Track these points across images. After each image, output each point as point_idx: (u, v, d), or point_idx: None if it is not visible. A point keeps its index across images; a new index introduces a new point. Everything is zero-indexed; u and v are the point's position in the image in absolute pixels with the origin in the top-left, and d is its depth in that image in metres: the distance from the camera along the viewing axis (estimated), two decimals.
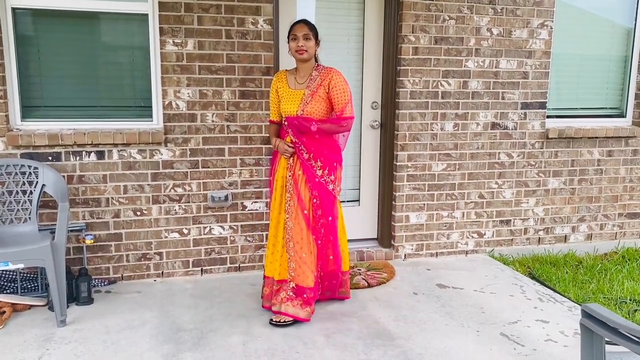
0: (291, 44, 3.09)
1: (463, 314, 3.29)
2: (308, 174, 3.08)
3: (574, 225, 4.61)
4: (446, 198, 4.24)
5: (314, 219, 3.15)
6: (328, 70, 3.12)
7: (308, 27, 3.08)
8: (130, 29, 3.61)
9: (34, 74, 3.51)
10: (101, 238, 3.61)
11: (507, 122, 4.27)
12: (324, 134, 3.10)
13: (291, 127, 3.11)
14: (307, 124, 3.05)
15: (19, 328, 3.02)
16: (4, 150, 3.38)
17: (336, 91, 3.07)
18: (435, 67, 4.04)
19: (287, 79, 3.19)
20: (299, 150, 3.09)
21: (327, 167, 3.11)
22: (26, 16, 3.45)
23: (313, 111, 3.07)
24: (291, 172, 3.13)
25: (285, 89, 3.16)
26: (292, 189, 3.13)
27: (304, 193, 3.11)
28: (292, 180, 3.13)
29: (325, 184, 3.11)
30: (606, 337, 1.68)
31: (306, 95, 3.08)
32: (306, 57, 3.08)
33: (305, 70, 3.15)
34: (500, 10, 4.11)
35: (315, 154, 3.08)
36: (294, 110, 3.09)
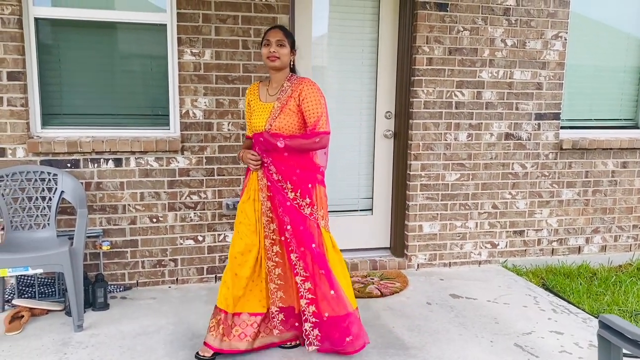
0: (263, 51, 2.77)
1: (477, 324, 3.28)
2: (279, 196, 2.73)
3: (587, 237, 4.58)
4: (459, 208, 4.25)
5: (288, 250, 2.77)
6: (300, 80, 2.78)
7: (283, 33, 2.80)
8: (148, 39, 3.67)
9: (54, 83, 3.58)
10: (117, 244, 3.65)
11: (520, 132, 4.28)
12: (294, 152, 2.73)
13: (257, 144, 2.78)
14: (274, 141, 2.70)
15: (37, 332, 3.07)
16: (25, 157, 3.44)
17: (308, 103, 2.72)
18: (449, 77, 4.07)
19: (259, 91, 2.86)
20: (268, 170, 2.76)
21: (299, 189, 2.73)
22: (48, 26, 3.53)
23: (282, 126, 2.71)
24: (262, 193, 2.79)
25: (256, 102, 2.82)
26: (270, 213, 2.79)
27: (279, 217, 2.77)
28: (270, 202, 2.79)
29: (298, 207, 2.73)
30: (624, 348, 1.69)
31: (275, 108, 2.74)
32: (278, 64, 2.75)
33: (277, 81, 2.81)
34: (514, 22, 4.13)
35: (285, 175, 2.73)
36: (261, 125, 2.74)
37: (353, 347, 2.80)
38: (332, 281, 2.74)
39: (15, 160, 3.42)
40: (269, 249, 2.79)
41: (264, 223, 2.79)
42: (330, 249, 2.81)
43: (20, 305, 3.24)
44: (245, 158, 2.79)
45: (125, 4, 3.64)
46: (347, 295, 2.78)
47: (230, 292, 2.75)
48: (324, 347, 2.82)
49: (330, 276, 2.74)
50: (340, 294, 2.75)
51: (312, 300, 2.75)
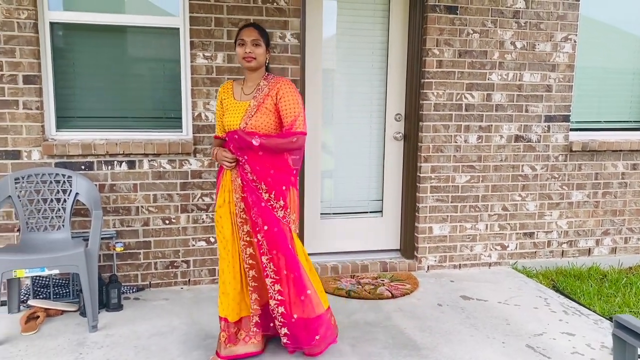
0: (238, 50, 2.72)
1: (488, 326, 3.30)
2: (253, 197, 2.65)
3: (597, 239, 4.58)
4: (469, 210, 4.26)
5: (260, 252, 2.72)
6: (277, 79, 2.75)
7: (258, 32, 2.73)
8: (161, 43, 3.72)
9: (68, 86, 3.62)
10: (130, 246, 3.69)
11: (530, 134, 4.29)
12: (269, 151, 2.65)
13: (231, 142, 2.69)
14: (249, 139, 2.62)
15: (53, 332, 3.10)
16: (40, 159, 3.48)
17: (285, 102, 2.68)
18: (459, 79, 4.08)
19: (233, 89, 2.81)
20: (243, 169, 2.67)
21: (273, 190, 2.66)
22: (62, 30, 3.57)
23: (258, 125, 2.66)
24: (237, 194, 2.73)
25: (230, 101, 2.77)
26: (243, 214, 2.73)
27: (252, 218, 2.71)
28: (244, 204, 2.72)
29: (272, 209, 2.66)
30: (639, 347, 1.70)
31: (251, 107, 2.68)
32: (254, 65, 2.71)
33: (253, 80, 2.77)
34: (524, 24, 4.15)
35: (260, 175, 2.65)
36: (236, 123, 2.68)
37: (319, 348, 2.83)
38: (304, 284, 2.69)
39: (30, 163, 3.47)
40: (243, 251, 2.76)
41: (237, 224, 2.74)
42: (300, 253, 2.76)
43: (35, 306, 3.28)
44: (220, 156, 2.71)
45: (138, 8, 3.69)
46: (319, 295, 2.75)
47: (229, 300, 2.78)
48: (291, 345, 2.83)
49: (302, 279, 2.69)
50: (311, 297, 2.71)
51: (281, 302, 2.71)
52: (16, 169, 3.44)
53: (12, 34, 3.34)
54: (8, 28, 3.33)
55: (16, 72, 3.38)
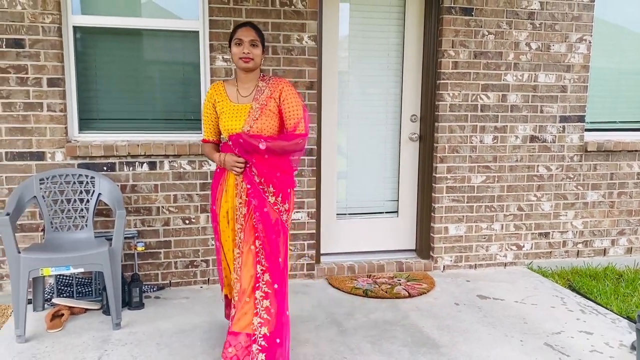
0: (235, 50, 2.64)
1: (505, 324, 3.32)
2: (257, 200, 2.57)
3: (613, 239, 4.59)
4: (485, 210, 4.28)
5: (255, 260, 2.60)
6: (277, 81, 2.70)
7: (255, 31, 2.67)
8: (181, 46, 3.78)
9: (91, 89, 3.70)
10: (151, 245, 3.75)
11: (545, 135, 4.31)
12: (275, 154, 2.61)
13: (236, 146, 2.61)
14: (255, 142, 2.56)
15: (77, 330, 3.17)
16: (63, 161, 3.55)
17: (288, 104, 2.64)
18: (475, 80, 4.11)
19: (226, 91, 2.72)
20: (250, 172, 2.60)
21: (280, 193, 2.61)
22: (85, 34, 3.65)
23: (263, 128, 2.62)
24: (240, 199, 2.64)
25: (226, 103, 2.68)
26: (243, 220, 2.63)
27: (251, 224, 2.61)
28: (246, 208, 2.62)
29: (278, 213, 2.62)
30: None
31: (254, 110, 2.63)
32: (252, 66, 2.64)
33: (249, 82, 2.70)
34: (538, 25, 4.17)
35: (267, 178, 2.59)
36: (238, 126, 2.61)
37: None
38: (286, 302, 2.63)
39: (54, 164, 3.54)
40: (235, 259, 2.68)
41: (235, 230, 2.67)
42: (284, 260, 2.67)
43: (60, 304, 3.35)
44: (231, 162, 2.63)
45: (159, 12, 3.76)
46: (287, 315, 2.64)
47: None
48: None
49: (283, 295, 2.59)
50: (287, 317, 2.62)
51: (266, 321, 2.55)
52: (40, 170, 3.51)
53: (37, 38, 3.42)
54: (33, 32, 3.41)
55: (41, 75, 3.46)
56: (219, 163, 2.72)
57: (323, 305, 3.58)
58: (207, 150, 2.87)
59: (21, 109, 3.46)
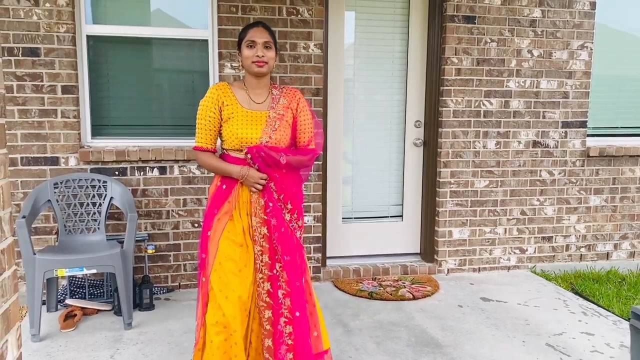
0: (247, 52, 2.39)
1: (508, 326, 3.38)
2: (277, 219, 2.38)
3: (616, 243, 4.64)
4: (488, 214, 4.35)
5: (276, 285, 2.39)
6: (292, 91, 2.52)
7: (269, 32, 2.43)
8: (191, 54, 3.89)
9: (103, 96, 3.81)
10: (161, 248, 3.84)
11: (548, 140, 4.38)
12: (292, 169, 2.44)
13: (256, 159, 2.35)
14: (276, 156, 2.36)
15: (90, 330, 3.26)
16: (76, 165, 3.66)
17: (304, 117, 2.49)
18: (478, 87, 4.20)
19: (234, 95, 2.43)
20: (269, 189, 2.38)
21: (296, 210, 2.45)
22: (98, 42, 3.76)
23: (280, 139, 2.40)
24: (257, 217, 2.39)
25: (237, 107, 2.40)
26: (264, 241, 2.39)
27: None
28: (266, 228, 2.39)
29: (293, 231, 2.44)
30: None
31: (271, 119, 2.40)
32: (265, 70, 2.41)
33: (261, 87, 2.46)
34: (540, 33, 4.25)
35: (286, 194, 2.41)
36: (256, 136, 2.37)
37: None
38: (316, 322, 2.45)
39: (68, 169, 3.64)
40: (259, 285, 2.39)
41: (256, 253, 2.39)
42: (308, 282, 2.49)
43: (73, 305, 3.45)
44: (254, 177, 2.34)
45: (169, 22, 3.87)
46: (321, 336, 2.46)
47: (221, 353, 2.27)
48: None
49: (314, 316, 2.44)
50: (319, 334, 2.45)
51: (290, 347, 2.37)
52: (54, 174, 3.62)
53: (52, 47, 3.53)
54: (48, 41, 3.52)
55: (55, 83, 3.57)
56: (240, 177, 2.36)
57: (329, 307, 3.65)
58: (211, 161, 2.44)
59: (36, 116, 3.57)
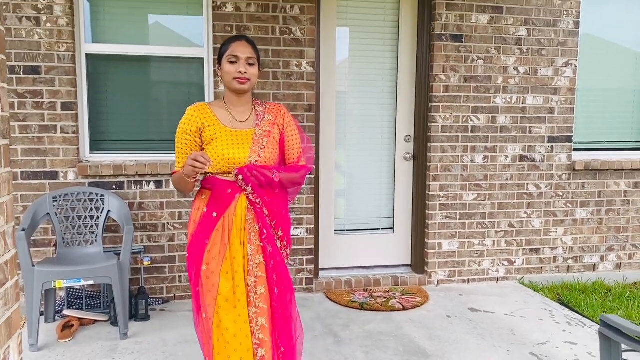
0: (228, 68, 2.24)
1: (494, 335, 3.48)
2: (271, 247, 2.25)
3: (602, 255, 4.75)
4: (477, 227, 4.46)
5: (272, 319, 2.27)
6: (277, 106, 2.41)
7: (253, 47, 2.31)
8: (187, 71, 4.02)
9: (101, 112, 3.93)
10: (157, 260, 3.94)
11: (534, 154, 4.50)
12: (283, 188, 2.30)
13: (249, 180, 2.18)
14: (269, 174, 2.21)
15: (87, 340, 3.34)
16: (75, 180, 3.77)
17: (292, 133, 2.38)
18: (465, 103, 4.33)
19: (215, 114, 2.29)
20: (261, 213, 2.23)
21: (286, 235, 2.32)
22: (97, 61, 3.89)
23: (269, 157, 2.27)
24: (253, 245, 2.24)
25: (219, 128, 2.25)
26: (259, 270, 2.24)
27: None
28: (262, 256, 2.25)
29: (285, 259, 2.33)
30: (623, 343, 1.89)
31: (258, 136, 2.27)
32: (247, 87, 2.28)
33: (243, 104, 2.33)
34: (526, 51, 4.40)
35: (278, 219, 2.27)
36: (244, 156, 2.21)
37: None
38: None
39: (66, 183, 3.75)
40: (253, 321, 2.22)
41: (249, 286, 2.22)
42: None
43: (70, 316, 3.53)
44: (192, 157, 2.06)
45: (166, 40, 4.00)
46: None
47: None
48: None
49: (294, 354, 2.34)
50: None
51: None
52: (54, 188, 3.72)
53: (53, 65, 3.66)
54: (49, 60, 3.65)
55: (55, 100, 3.69)
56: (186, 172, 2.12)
57: (321, 318, 3.74)
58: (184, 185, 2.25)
59: (36, 131, 3.69)
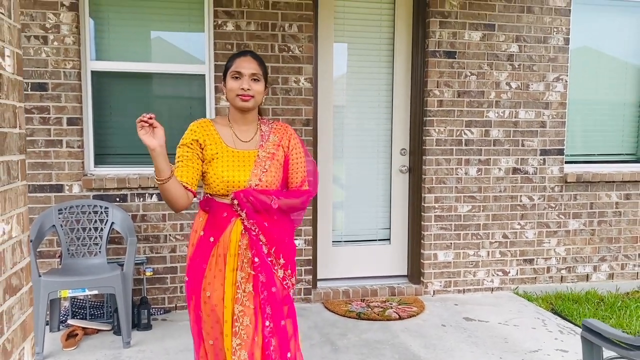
0: (231, 84, 2.14)
1: (488, 343, 3.57)
2: (266, 276, 2.09)
3: (595, 265, 4.84)
4: (472, 237, 4.56)
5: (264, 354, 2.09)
6: (283, 126, 2.27)
7: (258, 63, 2.17)
8: (189, 87, 4.15)
9: (106, 126, 4.05)
10: (159, 271, 4.04)
11: (527, 167, 4.62)
12: (283, 214, 2.18)
13: (244, 205, 2.07)
14: (268, 200, 2.08)
15: (91, 349, 3.43)
16: (79, 192, 3.88)
17: (297, 156, 2.25)
18: (459, 117, 4.45)
19: (218, 132, 2.18)
20: (257, 241, 2.09)
21: (289, 264, 2.17)
22: (102, 77, 4.02)
23: (271, 181, 2.14)
24: (243, 272, 2.09)
25: (221, 147, 2.15)
26: (249, 300, 2.08)
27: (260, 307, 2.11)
28: (252, 285, 2.09)
29: (286, 289, 2.18)
30: (604, 347, 1.99)
31: (261, 159, 2.14)
32: (251, 105, 2.15)
33: (247, 124, 2.21)
34: (517, 66, 4.53)
35: (278, 247, 2.13)
36: (244, 179, 2.10)
37: None
38: None
39: (71, 196, 3.86)
40: (235, 353, 2.05)
41: (236, 314, 2.07)
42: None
43: (74, 325, 3.62)
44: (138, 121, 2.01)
45: (168, 57, 4.13)
46: None
47: None
48: None
49: None
50: None
51: None
52: (59, 201, 3.83)
53: (59, 82, 3.79)
54: (56, 77, 3.78)
55: (61, 115, 3.82)
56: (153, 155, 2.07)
57: (319, 327, 3.83)
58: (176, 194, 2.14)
59: (43, 146, 3.81)
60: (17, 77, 1.61)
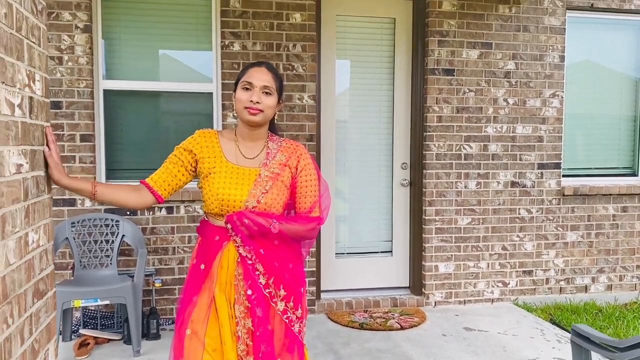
0: (240, 95, 1.98)
1: (487, 352, 3.66)
2: (262, 309, 1.92)
3: (593, 276, 4.94)
4: (472, 249, 4.67)
5: None
6: (294, 146, 2.09)
7: (273, 75, 2.02)
8: (197, 105, 4.31)
9: (117, 142, 4.21)
10: (167, 282, 4.16)
11: (525, 180, 4.74)
12: (285, 241, 1.98)
13: (237, 229, 1.91)
14: (266, 224, 1.91)
15: (102, 357, 3.55)
16: (91, 206, 4.02)
17: (307, 179, 2.04)
18: (458, 132, 4.59)
19: (220, 145, 2.04)
20: (251, 270, 1.92)
21: (292, 295, 1.97)
22: (114, 96, 4.18)
23: (272, 203, 1.96)
24: (242, 306, 1.93)
25: (220, 161, 2.00)
26: (250, 338, 1.93)
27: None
28: (251, 320, 1.93)
29: (289, 324, 1.98)
30: (592, 350, 2.10)
31: (263, 178, 1.97)
32: (260, 120, 1.99)
33: (255, 140, 2.06)
34: (515, 83, 4.68)
35: (277, 276, 1.94)
36: (241, 198, 1.93)
37: None
38: None
39: (83, 209, 4.01)
40: None
41: (239, 354, 1.91)
42: None
43: (86, 334, 3.75)
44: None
45: (177, 75, 4.30)
46: None
47: None
48: None
49: None
50: None
51: None
52: (71, 214, 3.98)
53: (73, 100, 3.95)
54: (69, 95, 3.95)
55: (74, 132, 3.97)
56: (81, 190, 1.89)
57: (322, 337, 3.94)
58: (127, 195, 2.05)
59: None
60: (45, 100, 1.76)
